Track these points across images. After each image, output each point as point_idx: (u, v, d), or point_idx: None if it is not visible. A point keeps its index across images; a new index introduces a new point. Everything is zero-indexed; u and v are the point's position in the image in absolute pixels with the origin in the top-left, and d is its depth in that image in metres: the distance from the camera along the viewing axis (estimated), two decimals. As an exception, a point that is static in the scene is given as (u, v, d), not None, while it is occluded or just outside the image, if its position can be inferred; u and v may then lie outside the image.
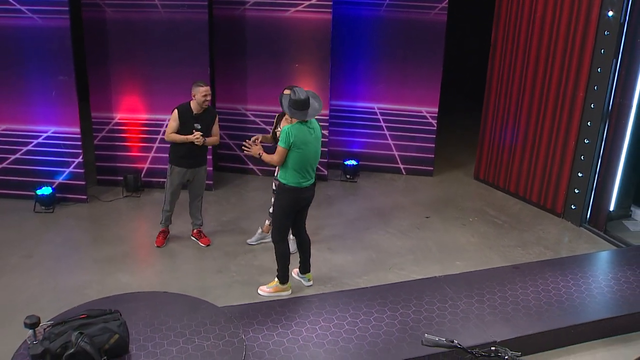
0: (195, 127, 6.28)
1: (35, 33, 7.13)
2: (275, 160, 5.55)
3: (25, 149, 7.59)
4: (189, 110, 6.30)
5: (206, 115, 6.36)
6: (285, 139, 5.44)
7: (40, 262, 6.42)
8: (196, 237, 6.86)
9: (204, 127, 6.32)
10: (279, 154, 5.51)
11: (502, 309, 5.51)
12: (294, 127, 5.48)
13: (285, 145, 5.44)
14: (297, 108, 5.43)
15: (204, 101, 6.23)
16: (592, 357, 5.27)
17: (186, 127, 6.29)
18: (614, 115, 7.19)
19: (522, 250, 7.03)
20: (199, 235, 6.84)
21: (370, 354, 4.84)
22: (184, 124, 6.28)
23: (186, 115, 6.29)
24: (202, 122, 6.33)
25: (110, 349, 4.52)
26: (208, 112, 6.39)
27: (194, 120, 6.30)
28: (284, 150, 5.47)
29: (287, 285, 5.94)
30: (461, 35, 11.62)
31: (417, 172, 9.02)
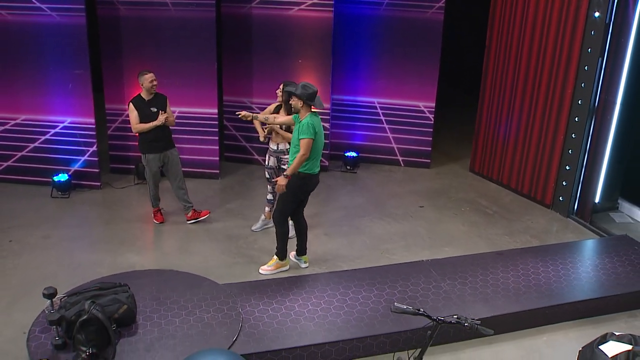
0: (151, 110, 6.84)
1: (54, 29, 7.62)
2: (306, 155, 5.87)
3: (43, 138, 8.09)
4: (141, 100, 6.91)
5: (157, 99, 6.94)
6: (310, 131, 5.82)
7: (56, 243, 6.92)
8: (194, 217, 7.35)
9: (158, 110, 6.89)
10: (307, 146, 5.84)
11: (482, 290, 5.92)
12: (312, 118, 5.89)
13: (311, 135, 5.82)
14: (313, 99, 5.87)
15: (152, 86, 6.82)
16: (564, 337, 5.66)
17: (144, 114, 6.86)
18: (599, 111, 7.54)
19: (509, 238, 7.42)
20: (196, 214, 7.33)
21: (356, 327, 5.28)
22: (141, 111, 6.86)
23: (140, 103, 6.88)
24: (156, 106, 6.91)
25: (119, 318, 5.00)
26: (158, 97, 6.96)
27: (148, 105, 6.87)
28: (311, 140, 5.84)
29: (285, 261, 6.41)
30: (459, 34, 11.98)
31: (415, 164, 9.42)
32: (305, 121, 5.88)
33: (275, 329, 5.20)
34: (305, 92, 5.88)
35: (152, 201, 7.37)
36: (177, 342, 4.95)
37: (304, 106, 5.93)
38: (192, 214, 7.37)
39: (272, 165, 6.97)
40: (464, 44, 12.20)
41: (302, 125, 5.89)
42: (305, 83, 5.96)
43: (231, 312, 5.36)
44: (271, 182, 7.07)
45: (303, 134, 5.85)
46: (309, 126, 5.84)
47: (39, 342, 4.89)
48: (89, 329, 4.64)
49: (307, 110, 5.96)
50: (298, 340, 5.09)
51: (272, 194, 7.19)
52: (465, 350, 5.42)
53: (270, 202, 7.24)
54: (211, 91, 8.34)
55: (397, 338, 5.26)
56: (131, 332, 5.05)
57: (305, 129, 5.84)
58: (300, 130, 5.89)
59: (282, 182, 5.98)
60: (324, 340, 5.11)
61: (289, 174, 5.93)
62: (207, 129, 8.49)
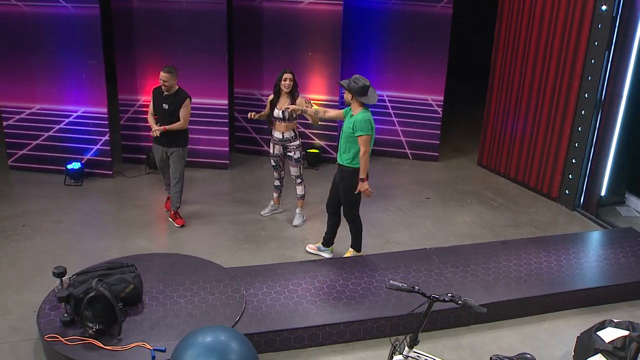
0: (163, 106, 6.82)
1: (69, 21, 7.80)
2: (368, 151, 5.90)
3: (57, 127, 8.29)
4: (160, 92, 6.87)
5: (175, 98, 6.78)
6: (367, 127, 5.84)
7: (68, 228, 7.10)
8: (172, 218, 7.27)
9: (171, 108, 6.79)
10: (367, 143, 5.86)
11: (483, 277, 5.99)
12: (368, 114, 5.91)
13: (369, 132, 5.86)
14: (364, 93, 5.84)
15: (162, 84, 6.72)
16: (564, 324, 5.71)
17: (156, 106, 6.90)
18: (606, 104, 7.57)
19: (513, 229, 7.47)
20: (174, 217, 7.23)
21: (356, 310, 5.38)
22: (155, 103, 6.91)
23: (158, 95, 6.88)
24: (171, 103, 6.79)
25: (125, 297, 5.15)
26: (178, 95, 6.80)
27: (163, 100, 6.83)
28: (369, 137, 5.89)
29: (361, 252, 6.47)
30: (468, 30, 11.99)
31: (423, 157, 9.49)
32: (361, 117, 5.85)
33: (277, 311, 5.32)
34: (355, 85, 5.84)
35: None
36: (181, 322, 5.08)
37: (354, 100, 5.92)
38: (172, 215, 7.27)
39: (278, 153, 7.09)
40: (473, 40, 12.22)
41: (357, 121, 5.84)
42: (357, 76, 5.90)
43: (235, 294, 5.48)
44: (278, 169, 7.19)
45: (360, 131, 5.83)
46: (366, 122, 5.83)
47: (48, 318, 5.05)
48: (95, 306, 4.79)
49: (359, 104, 5.93)
50: (300, 321, 5.20)
51: (279, 180, 7.31)
52: (465, 335, 5.50)
53: (277, 188, 7.37)
54: (222, 82, 8.47)
55: (397, 322, 5.35)
56: (137, 311, 5.19)
57: (363, 126, 5.82)
58: (356, 126, 5.84)
59: (364, 187, 5.98)
60: (324, 322, 5.22)
61: (364, 176, 5.95)
62: (217, 119, 8.63)
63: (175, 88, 6.80)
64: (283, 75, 6.82)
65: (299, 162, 7.10)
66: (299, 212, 7.32)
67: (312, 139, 9.18)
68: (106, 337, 4.82)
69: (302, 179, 7.20)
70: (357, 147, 5.95)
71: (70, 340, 4.77)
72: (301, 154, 7.13)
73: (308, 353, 5.16)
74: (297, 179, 7.18)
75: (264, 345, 5.06)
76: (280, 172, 7.28)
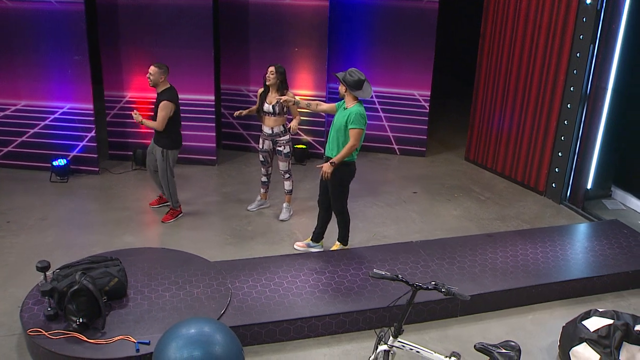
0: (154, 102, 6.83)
1: (53, 16, 7.75)
2: (356, 145, 5.90)
3: (43, 123, 8.23)
4: None
5: (159, 96, 6.73)
6: (361, 121, 5.84)
7: (53, 224, 7.05)
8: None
9: (155, 106, 6.78)
10: (358, 137, 5.85)
11: (470, 269, 6.00)
12: (362, 108, 5.90)
13: (362, 126, 5.86)
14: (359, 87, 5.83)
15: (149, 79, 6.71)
16: (550, 315, 5.73)
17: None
18: (591, 97, 7.60)
19: (500, 223, 7.49)
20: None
21: (343, 303, 5.37)
22: None
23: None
24: (156, 101, 6.76)
25: (110, 291, 5.11)
26: (162, 94, 6.71)
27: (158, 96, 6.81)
28: (362, 131, 5.88)
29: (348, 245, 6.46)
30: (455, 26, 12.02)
31: (410, 152, 9.50)
32: (355, 110, 5.84)
33: (263, 304, 5.30)
34: (351, 78, 5.82)
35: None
36: (166, 315, 5.05)
37: (348, 93, 5.90)
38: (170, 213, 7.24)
39: (267, 148, 7.07)
40: (459, 35, 12.25)
41: (351, 114, 5.83)
42: (352, 69, 5.87)
43: (220, 287, 5.46)
44: (266, 165, 7.17)
45: (354, 124, 5.81)
46: (360, 116, 5.83)
47: (32, 313, 5.00)
48: (79, 299, 4.75)
49: (353, 98, 5.92)
50: (285, 314, 5.19)
51: (266, 177, 7.30)
52: (451, 326, 5.51)
53: (264, 184, 7.35)
54: (208, 78, 8.44)
55: (383, 314, 5.34)
56: (122, 304, 5.16)
57: (357, 119, 5.81)
58: (350, 119, 5.83)
59: (327, 169, 5.95)
60: (310, 314, 5.21)
61: (336, 162, 5.92)
62: (204, 115, 8.61)
63: (163, 86, 6.74)
64: (268, 67, 6.81)
65: (288, 157, 7.08)
66: (286, 206, 7.30)
67: (299, 134, 9.17)
68: (90, 330, 4.79)
69: (290, 174, 7.19)
70: (348, 140, 5.93)
71: (54, 334, 4.73)
72: (291, 148, 7.10)
73: (294, 346, 5.15)
74: (286, 174, 7.16)
75: (250, 338, 5.05)
76: (267, 168, 7.25)
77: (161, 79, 6.70)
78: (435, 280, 4.02)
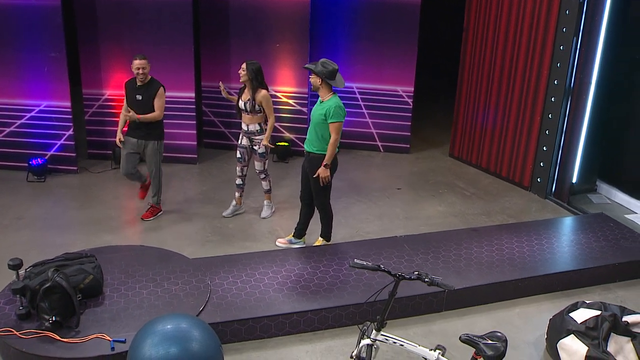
0: (136, 97, 6.62)
1: (28, 11, 7.57)
2: (338, 139, 5.77)
3: (19, 122, 8.03)
4: (132, 83, 6.67)
5: (148, 88, 6.59)
6: (341, 113, 5.72)
7: (29, 224, 6.87)
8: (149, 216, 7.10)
9: (144, 99, 6.58)
10: (338, 130, 5.73)
11: (455, 264, 5.90)
12: (339, 100, 5.78)
13: (341, 119, 5.73)
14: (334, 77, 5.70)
15: (137, 74, 6.53)
16: (536, 309, 5.64)
17: (129, 98, 6.68)
18: (575, 91, 7.55)
19: (486, 218, 7.41)
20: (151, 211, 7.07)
21: (325, 297, 5.25)
22: (128, 95, 6.71)
23: (130, 86, 6.69)
24: (144, 94, 6.60)
25: (85, 289, 4.95)
26: (151, 85, 6.61)
27: (135, 91, 6.63)
28: (341, 124, 5.76)
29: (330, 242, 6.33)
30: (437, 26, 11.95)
31: (394, 149, 9.40)
32: (333, 103, 5.71)
33: (243, 300, 5.17)
34: (325, 69, 5.68)
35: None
36: (143, 312, 4.90)
37: (323, 84, 5.76)
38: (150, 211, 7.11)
39: (245, 144, 6.90)
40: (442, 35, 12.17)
41: (330, 108, 5.70)
42: (325, 60, 5.75)
43: (199, 284, 5.32)
44: (242, 162, 6.95)
45: (334, 118, 5.68)
46: (339, 109, 5.71)
47: (3, 312, 4.83)
48: (52, 297, 4.60)
49: (328, 90, 5.80)
50: (266, 310, 5.06)
51: (241, 178, 7.07)
52: (436, 321, 5.40)
53: (239, 187, 7.13)
54: (188, 74, 8.31)
55: (366, 309, 5.22)
56: (97, 302, 5.00)
57: (337, 112, 5.69)
58: (329, 113, 5.70)
59: (324, 173, 5.83)
60: (292, 310, 5.08)
61: (329, 163, 5.81)
62: (184, 112, 8.46)
63: (148, 77, 6.61)
64: None
65: (263, 157, 6.87)
66: (267, 204, 7.16)
67: (282, 131, 9.05)
68: (63, 329, 4.62)
69: (266, 174, 7.01)
70: (328, 134, 5.82)
71: (25, 334, 4.57)
72: (267, 149, 6.91)
73: (275, 342, 5.01)
74: (261, 174, 6.99)
75: (229, 335, 4.91)
76: (243, 167, 7.00)
77: (149, 69, 6.59)
78: (418, 270, 3.90)
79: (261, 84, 6.64)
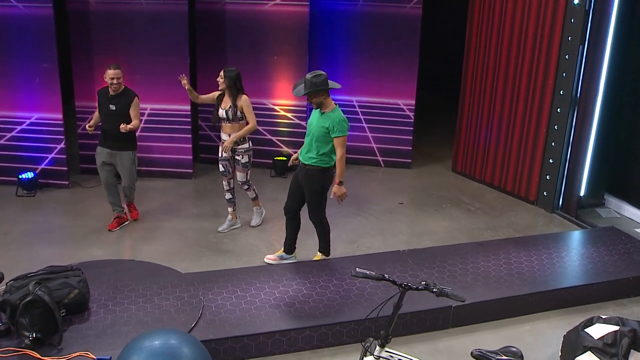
0: (109, 107, 6.45)
1: (20, 21, 7.38)
2: (344, 154, 5.54)
3: (9, 135, 7.79)
4: (105, 93, 6.51)
5: (122, 97, 6.45)
6: (345, 126, 5.48)
7: (17, 238, 6.60)
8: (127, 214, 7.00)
9: (119, 109, 6.42)
10: (344, 144, 5.47)
11: (461, 278, 5.62)
12: (341, 113, 5.53)
13: (346, 132, 5.48)
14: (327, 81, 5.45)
15: (111, 84, 6.37)
16: (548, 325, 5.35)
17: (102, 108, 6.52)
18: (582, 101, 7.32)
19: (492, 232, 7.13)
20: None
21: (325, 315, 4.96)
22: (100, 104, 6.54)
23: (103, 97, 6.53)
24: (117, 104, 6.44)
25: (69, 304, 4.67)
26: (125, 94, 6.47)
27: (109, 101, 6.46)
28: (346, 138, 5.51)
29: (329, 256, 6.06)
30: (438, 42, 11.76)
31: (396, 164, 9.14)
32: (337, 117, 5.45)
33: (237, 316, 4.87)
34: (317, 80, 5.37)
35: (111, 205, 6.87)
36: (131, 329, 4.61)
37: (325, 96, 5.49)
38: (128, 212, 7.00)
39: (227, 156, 6.60)
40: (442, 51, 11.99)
41: (333, 121, 5.43)
42: (309, 75, 5.42)
43: (192, 299, 5.03)
44: (227, 175, 6.68)
45: (339, 132, 5.42)
46: (343, 122, 5.47)
47: (-19, 329, 4.53)
48: (33, 312, 4.31)
49: (329, 100, 5.54)
50: (261, 327, 4.76)
51: (230, 192, 6.80)
52: (442, 339, 5.11)
53: (230, 201, 6.86)
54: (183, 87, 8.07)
55: (369, 326, 4.90)
56: (82, 318, 4.72)
57: (341, 127, 5.44)
58: (333, 127, 5.43)
59: (340, 191, 5.62)
60: (289, 327, 4.79)
61: (342, 180, 5.60)
62: (179, 126, 8.23)
63: (122, 87, 6.44)
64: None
65: (245, 168, 6.59)
66: (256, 210, 6.90)
67: (280, 146, 8.81)
68: (45, 346, 4.33)
69: (249, 185, 6.72)
70: (329, 148, 5.58)
71: (4, 352, 4.27)
72: (250, 158, 6.60)
73: (272, 361, 4.72)
74: (244, 186, 6.71)
75: (223, 354, 4.60)
76: (229, 180, 6.72)
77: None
78: (425, 280, 3.62)
79: (240, 89, 6.44)
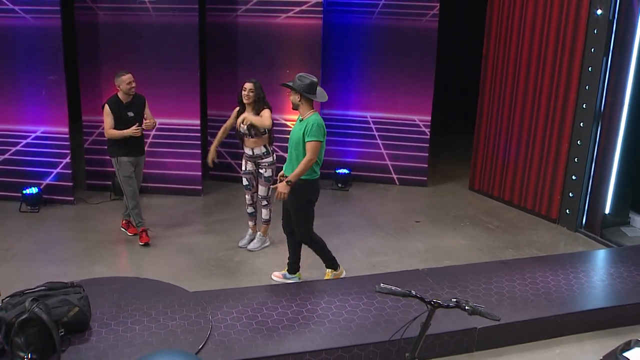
0: (128, 115, 6.30)
1: (27, 32, 7.23)
2: (314, 160, 5.24)
3: (14, 149, 7.60)
4: (118, 102, 6.34)
5: (135, 102, 6.37)
6: (320, 132, 5.23)
7: (19, 255, 6.35)
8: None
9: (136, 114, 6.34)
10: (315, 150, 5.20)
11: (485, 299, 5.29)
12: (320, 118, 5.32)
13: (320, 138, 5.24)
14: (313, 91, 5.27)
15: (130, 88, 6.26)
16: (580, 349, 5.01)
17: (121, 118, 6.31)
18: (606, 115, 7.04)
19: (513, 251, 6.81)
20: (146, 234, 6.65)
21: (342, 336, 4.64)
22: (118, 115, 6.31)
23: (117, 106, 6.32)
24: (134, 109, 6.34)
25: (69, 322, 4.38)
26: (137, 98, 6.41)
27: (125, 109, 6.31)
28: (320, 143, 5.25)
29: (340, 269, 5.78)
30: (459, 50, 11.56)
31: (411, 182, 8.85)
32: (313, 121, 5.23)
33: (248, 337, 4.56)
34: (301, 83, 5.22)
35: (135, 219, 6.59)
36: (134, 350, 4.31)
37: (302, 100, 5.29)
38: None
39: (250, 169, 6.40)
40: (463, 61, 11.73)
41: (308, 125, 5.22)
42: (301, 74, 5.28)
43: (199, 319, 4.73)
44: (250, 189, 6.49)
45: (311, 136, 5.19)
46: (318, 126, 5.22)
47: (-25, 349, 4.25)
48: (28, 330, 4.03)
49: (308, 106, 5.32)
50: (274, 348, 4.45)
51: (252, 206, 6.58)
52: (466, 364, 4.77)
53: (251, 215, 6.63)
54: (193, 101, 7.89)
55: (389, 348, 4.61)
56: (83, 339, 4.42)
57: (315, 131, 5.19)
58: (307, 131, 5.21)
59: (283, 189, 5.26)
60: (303, 349, 4.47)
61: (292, 181, 5.25)
62: (188, 141, 8.00)
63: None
64: (243, 84, 6.22)
65: (268, 182, 6.35)
66: (259, 237, 6.58)
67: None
68: (41, 368, 4.03)
69: (268, 202, 6.45)
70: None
71: (-2, 374, 3.98)
72: (273, 172, 6.38)
73: (285, 386, 4.39)
74: (264, 200, 6.45)
75: (232, 377, 4.29)
76: (252, 194, 6.52)
77: None
78: (457, 297, 3.32)
79: (266, 102, 6.24)
